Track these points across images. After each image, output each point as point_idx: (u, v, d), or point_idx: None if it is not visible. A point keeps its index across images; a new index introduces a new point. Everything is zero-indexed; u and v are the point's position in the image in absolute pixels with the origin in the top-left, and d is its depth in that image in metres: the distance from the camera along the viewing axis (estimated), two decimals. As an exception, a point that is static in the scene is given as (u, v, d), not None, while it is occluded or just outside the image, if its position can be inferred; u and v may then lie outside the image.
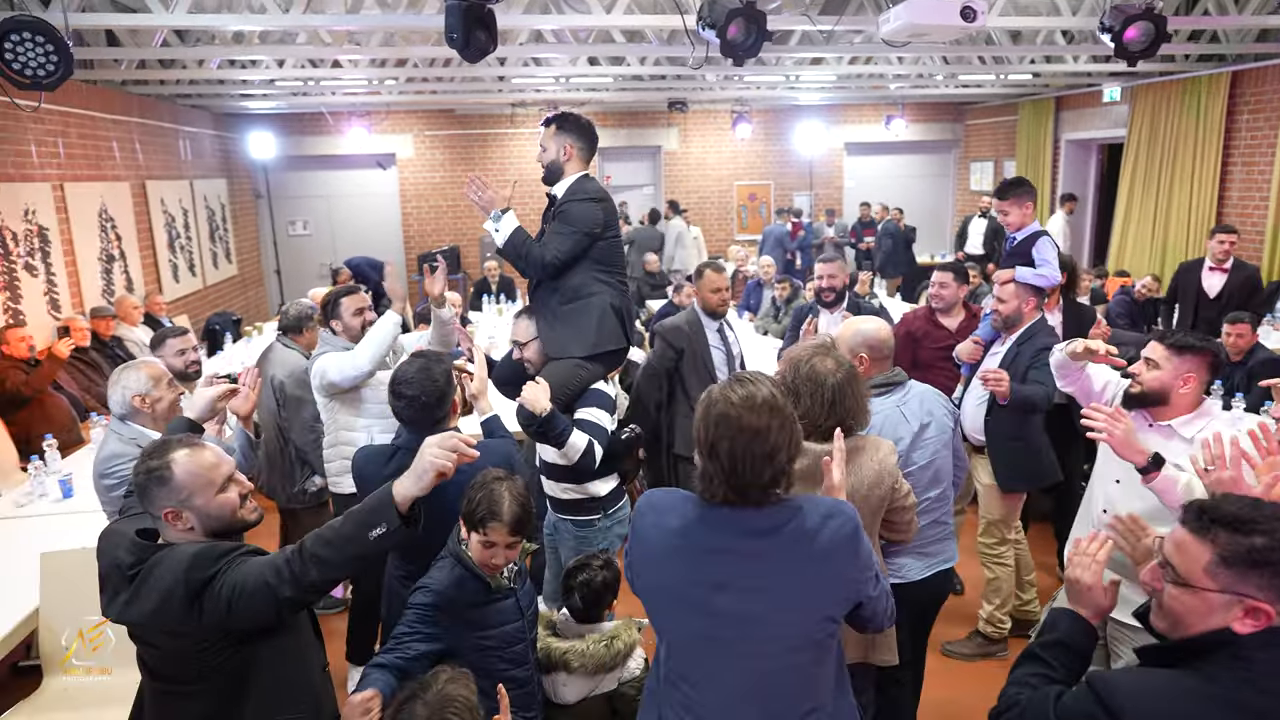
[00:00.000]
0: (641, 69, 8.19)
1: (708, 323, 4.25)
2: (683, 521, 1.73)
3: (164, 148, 8.82)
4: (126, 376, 2.80)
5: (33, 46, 3.36)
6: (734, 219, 13.22)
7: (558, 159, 3.01)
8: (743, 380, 1.72)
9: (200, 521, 1.81)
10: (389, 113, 11.75)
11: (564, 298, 3.02)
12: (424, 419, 2.42)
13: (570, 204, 2.97)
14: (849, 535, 1.72)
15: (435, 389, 2.41)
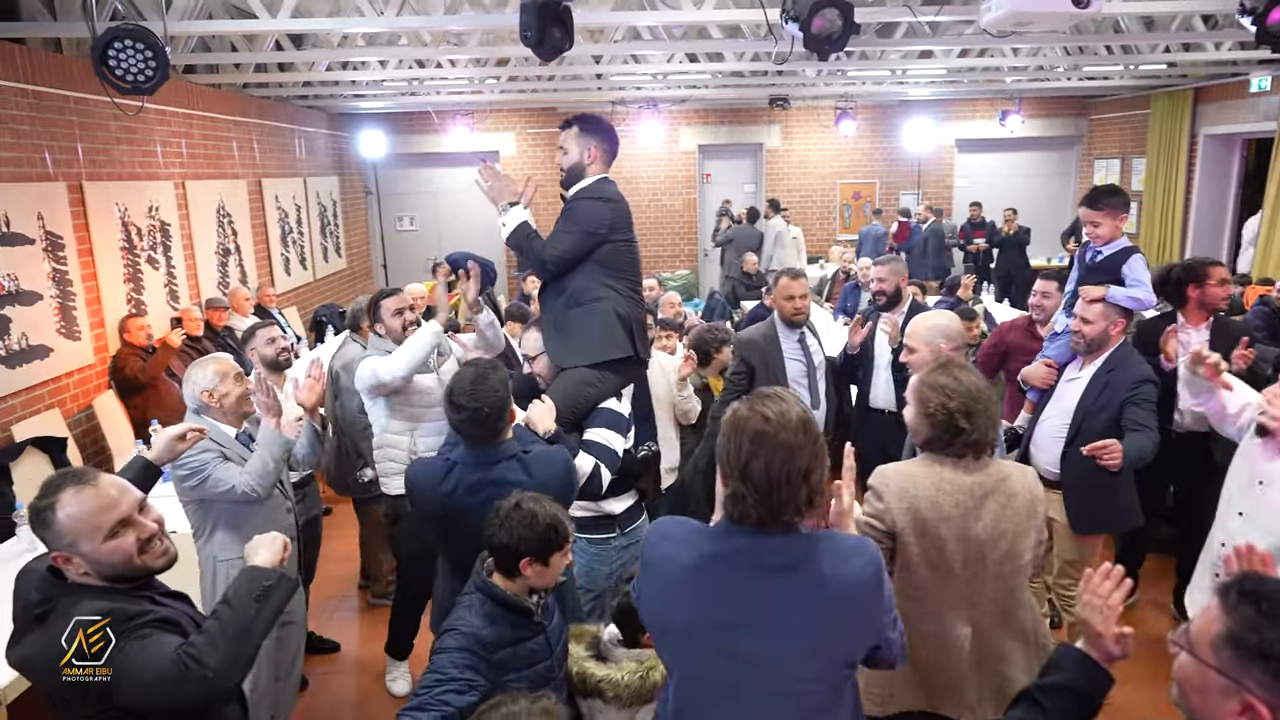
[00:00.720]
0: (741, 65, 8.02)
1: (785, 333, 4.06)
2: (696, 555, 1.63)
3: (280, 146, 9.25)
4: (195, 373, 2.90)
5: (133, 54, 3.54)
6: (836, 218, 12.85)
7: (581, 161, 2.91)
8: (770, 397, 1.62)
9: (92, 567, 1.67)
10: (491, 111, 11.98)
11: (568, 301, 2.89)
12: (483, 433, 2.33)
13: (576, 202, 2.88)
14: (872, 576, 1.59)
15: (495, 400, 2.30)
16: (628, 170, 12.39)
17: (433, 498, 2.33)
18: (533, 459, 2.37)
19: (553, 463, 2.40)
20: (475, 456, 2.33)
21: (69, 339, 5.45)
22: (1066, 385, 3.41)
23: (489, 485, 2.28)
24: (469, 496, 2.29)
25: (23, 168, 5.15)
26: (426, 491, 2.35)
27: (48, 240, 5.30)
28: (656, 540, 1.71)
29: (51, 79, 5.39)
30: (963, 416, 2.00)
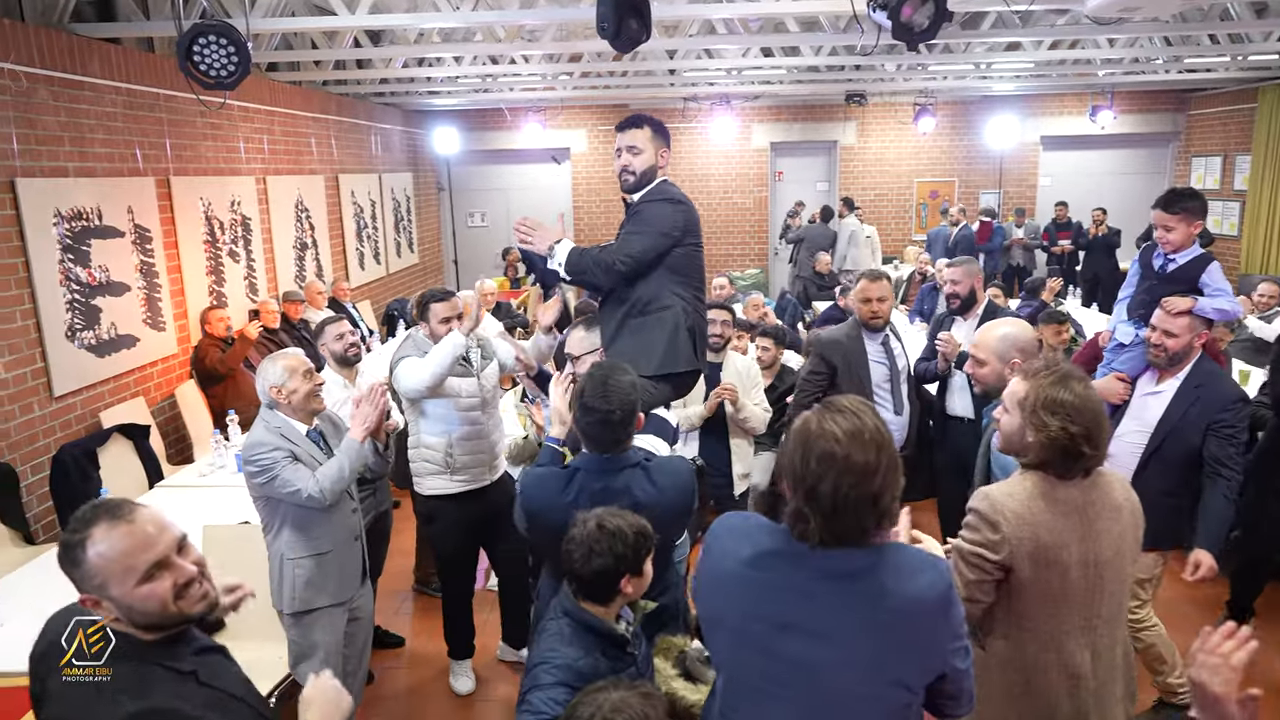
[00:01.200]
0: (817, 59, 7.82)
1: (869, 334, 3.90)
2: (755, 551, 1.56)
3: (356, 143, 9.42)
4: (266, 367, 2.90)
5: (217, 49, 3.60)
6: (912, 217, 12.48)
7: (655, 163, 2.77)
8: (844, 409, 1.50)
9: (123, 613, 1.49)
10: (563, 108, 11.99)
11: (634, 309, 2.74)
12: (611, 438, 2.21)
13: (646, 204, 2.74)
14: (940, 595, 1.48)
15: (626, 402, 2.17)
16: (698, 168, 12.26)
17: (556, 506, 2.20)
18: (656, 468, 2.27)
19: (677, 472, 2.28)
20: (600, 463, 2.22)
21: (154, 329, 5.62)
22: (1145, 399, 3.21)
23: (614, 495, 2.16)
24: (593, 504, 2.14)
25: (115, 163, 5.32)
26: (547, 501, 2.23)
27: (136, 233, 5.46)
28: (721, 532, 1.65)
29: (143, 77, 5.55)
30: (1086, 441, 1.82)
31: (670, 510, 2.24)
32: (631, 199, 2.81)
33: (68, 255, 4.85)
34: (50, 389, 4.73)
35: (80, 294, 4.95)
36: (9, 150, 4.49)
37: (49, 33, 4.77)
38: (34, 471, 4.59)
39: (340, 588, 2.98)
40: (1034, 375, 1.93)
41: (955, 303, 4.16)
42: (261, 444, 2.79)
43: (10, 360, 4.48)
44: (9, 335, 4.48)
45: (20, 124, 4.56)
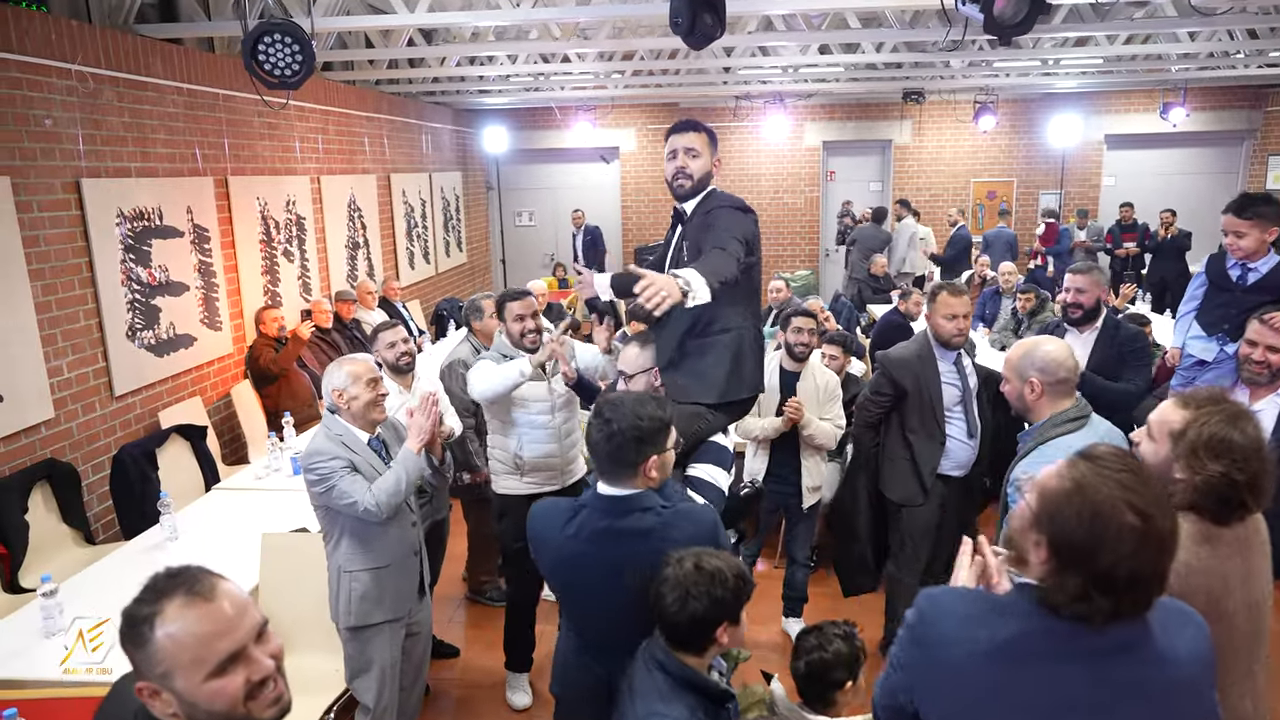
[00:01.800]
0: (877, 56, 7.60)
1: (942, 353, 3.58)
2: (999, 637, 1.31)
3: (408, 142, 9.42)
4: (332, 370, 2.84)
5: (282, 48, 3.56)
6: (969, 219, 12.13)
7: (710, 169, 2.61)
8: (1126, 465, 1.27)
9: (184, 710, 1.25)
10: (614, 107, 11.89)
11: (695, 330, 2.51)
12: (614, 460, 1.97)
13: (719, 210, 2.53)
14: (1209, 649, 1.30)
15: (633, 422, 1.94)
16: (749, 167, 12.08)
17: (554, 540, 2.05)
18: (674, 515, 2.02)
19: (698, 522, 2.02)
20: (607, 502, 2.01)
21: (211, 329, 5.63)
22: None
23: (617, 537, 1.98)
24: (592, 546, 2.00)
25: (175, 163, 5.33)
26: (547, 532, 2.09)
27: (195, 233, 5.48)
28: (935, 616, 1.38)
29: (203, 77, 5.57)
30: (1249, 491, 1.58)
31: None
32: (683, 207, 2.62)
33: (129, 255, 4.87)
34: (111, 388, 4.75)
35: (141, 294, 4.97)
36: (75, 151, 4.52)
37: (114, 34, 4.79)
38: (94, 471, 4.61)
39: (397, 603, 2.90)
40: (1197, 405, 1.67)
41: (1077, 313, 3.80)
42: (320, 452, 2.72)
43: (74, 360, 4.50)
44: (73, 335, 4.50)
45: (86, 125, 4.59)
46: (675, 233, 2.67)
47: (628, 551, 1.92)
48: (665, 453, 2.01)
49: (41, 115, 4.31)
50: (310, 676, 3.14)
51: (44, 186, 4.33)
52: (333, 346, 6.42)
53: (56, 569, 4.03)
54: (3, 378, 4.03)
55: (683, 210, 2.62)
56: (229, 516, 3.97)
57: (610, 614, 2.02)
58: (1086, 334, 3.77)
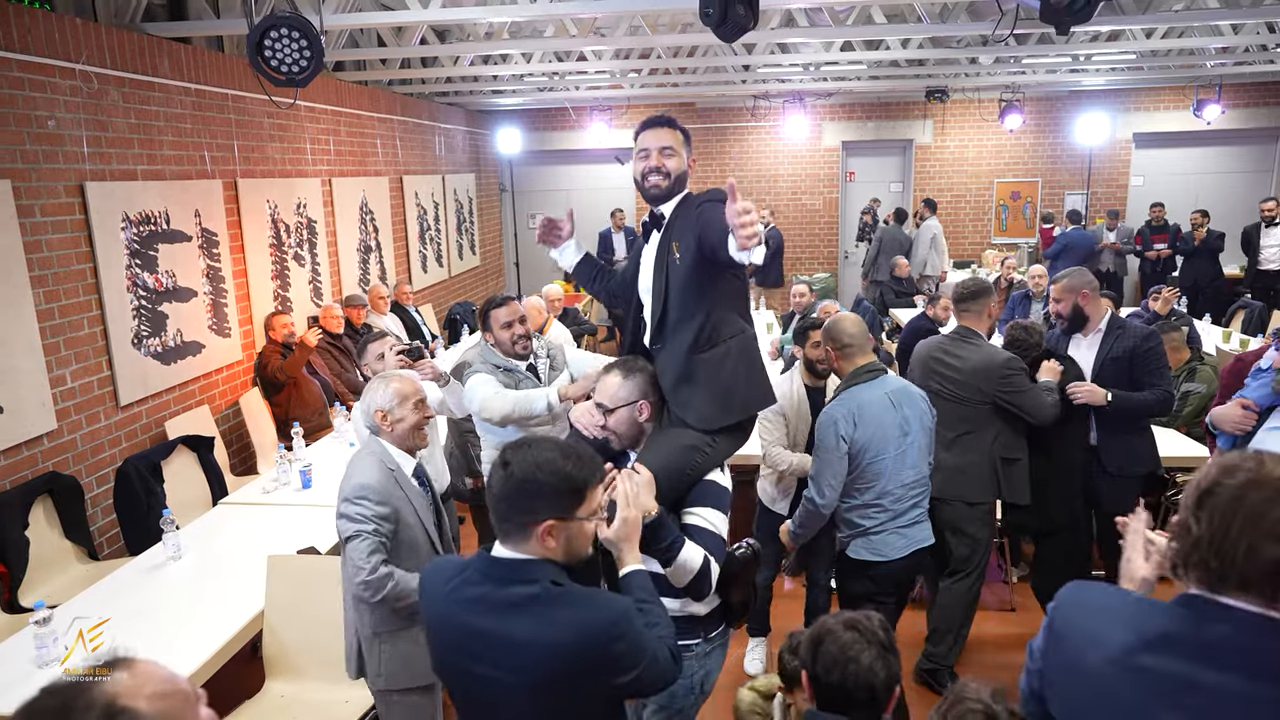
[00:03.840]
0: (901, 53, 7.40)
1: None
2: (1138, 637, 1.24)
3: (421, 144, 9.27)
4: (376, 387, 2.61)
5: (289, 43, 3.40)
6: (991, 220, 11.89)
7: (686, 170, 2.36)
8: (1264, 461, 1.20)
9: None
10: (629, 107, 11.71)
11: (700, 342, 2.21)
12: (505, 512, 1.61)
13: (710, 205, 2.20)
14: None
15: (534, 472, 1.57)
16: (766, 168, 11.88)
17: (433, 595, 1.69)
18: (565, 597, 1.58)
19: (596, 614, 1.57)
20: (489, 563, 1.63)
21: (220, 335, 5.48)
22: (1270, 434, 2.85)
23: (487, 610, 1.59)
24: (461, 611, 1.63)
25: (184, 165, 5.19)
26: (432, 585, 1.72)
27: (203, 237, 5.33)
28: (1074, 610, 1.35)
29: (212, 77, 5.42)
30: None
31: (537, 666, 1.54)
32: (661, 210, 2.34)
33: (135, 260, 4.72)
34: (116, 398, 4.61)
35: (147, 300, 4.82)
36: (79, 153, 4.37)
37: (120, 33, 4.65)
38: (99, 484, 4.46)
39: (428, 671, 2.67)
40: None
41: (1061, 322, 3.74)
42: (370, 493, 2.46)
43: (77, 369, 4.36)
44: (77, 343, 4.36)
45: (91, 126, 4.45)
46: (650, 241, 2.37)
47: (492, 628, 1.57)
48: (571, 522, 1.60)
49: (44, 116, 4.17)
50: (317, 705, 2.97)
51: (47, 190, 4.19)
52: (344, 353, 6.27)
53: (58, 587, 3.89)
54: (3, 388, 3.89)
55: (660, 214, 2.34)
56: (235, 533, 3.80)
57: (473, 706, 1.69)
58: (1091, 337, 3.68)
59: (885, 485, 2.99)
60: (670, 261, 2.26)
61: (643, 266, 2.39)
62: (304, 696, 3.01)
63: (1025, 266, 9.13)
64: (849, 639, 1.68)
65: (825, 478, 2.99)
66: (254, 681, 3.14)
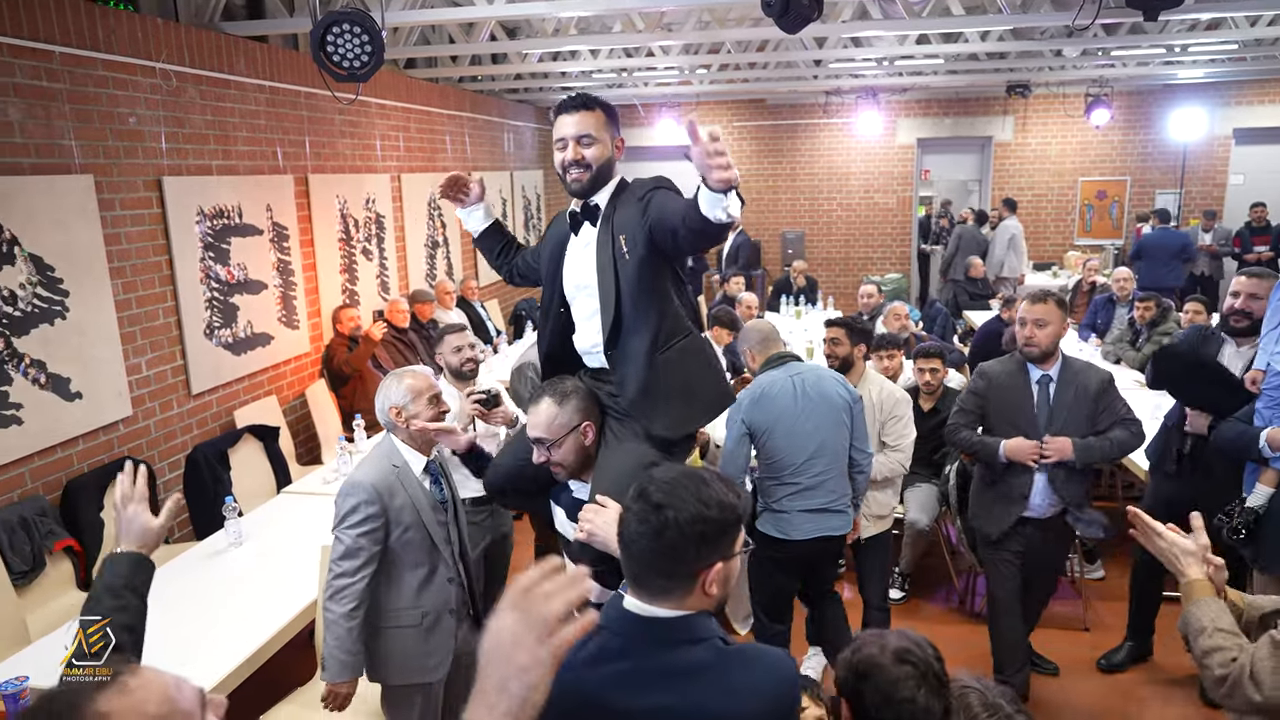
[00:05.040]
0: (981, 46, 7.12)
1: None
2: None
3: (490, 140, 9.36)
4: (389, 384, 2.61)
5: (351, 39, 3.43)
6: (1075, 220, 11.38)
7: (612, 155, 2.12)
8: None
9: None
10: (698, 104, 11.61)
11: (658, 342, 2.04)
12: (663, 569, 1.34)
13: (656, 192, 2.03)
14: None
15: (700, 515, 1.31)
16: (838, 166, 11.61)
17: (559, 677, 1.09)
18: (735, 657, 1.34)
19: (773, 670, 1.37)
20: (642, 626, 1.34)
21: (288, 327, 5.61)
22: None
23: (653, 680, 1.32)
24: (615, 690, 1.32)
25: (256, 160, 5.32)
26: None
27: (274, 231, 5.46)
28: None
29: (285, 75, 5.55)
30: None
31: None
32: (595, 201, 2.12)
33: (208, 253, 4.86)
34: (189, 387, 4.75)
35: (219, 292, 4.96)
36: (158, 149, 4.52)
37: (199, 32, 4.78)
38: (171, 470, 4.61)
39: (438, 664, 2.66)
40: None
41: (1241, 321, 3.38)
42: (359, 491, 2.46)
43: (152, 358, 4.51)
44: (152, 333, 4.50)
45: (169, 123, 4.59)
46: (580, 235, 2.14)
47: (664, 706, 1.30)
48: (731, 559, 1.36)
49: (126, 114, 4.31)
50: (363, 697, 2.98)
51: (126, 184, 4.33)
52: (409, 347, 6.35)
53: (128, 568, 4.03)
54: (83, 376, 4.04)
55: (594, 205, 2.12)
56: (294, 522, 3.87)
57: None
58: (1246, 348, 3.38)
59: (785, 459, 3.14)
60: (619, 258, 2.05)
61: (570, 264, 2.17)
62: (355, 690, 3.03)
63: (1110, 269, 8.69)
64: (900, 674, 1.51)
65: (727, 455, 3.24)
66: (307, 669, 3.18)
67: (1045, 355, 3.16)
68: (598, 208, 2.12)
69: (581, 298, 2.16)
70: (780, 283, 9.24)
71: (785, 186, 11.81)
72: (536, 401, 2.07)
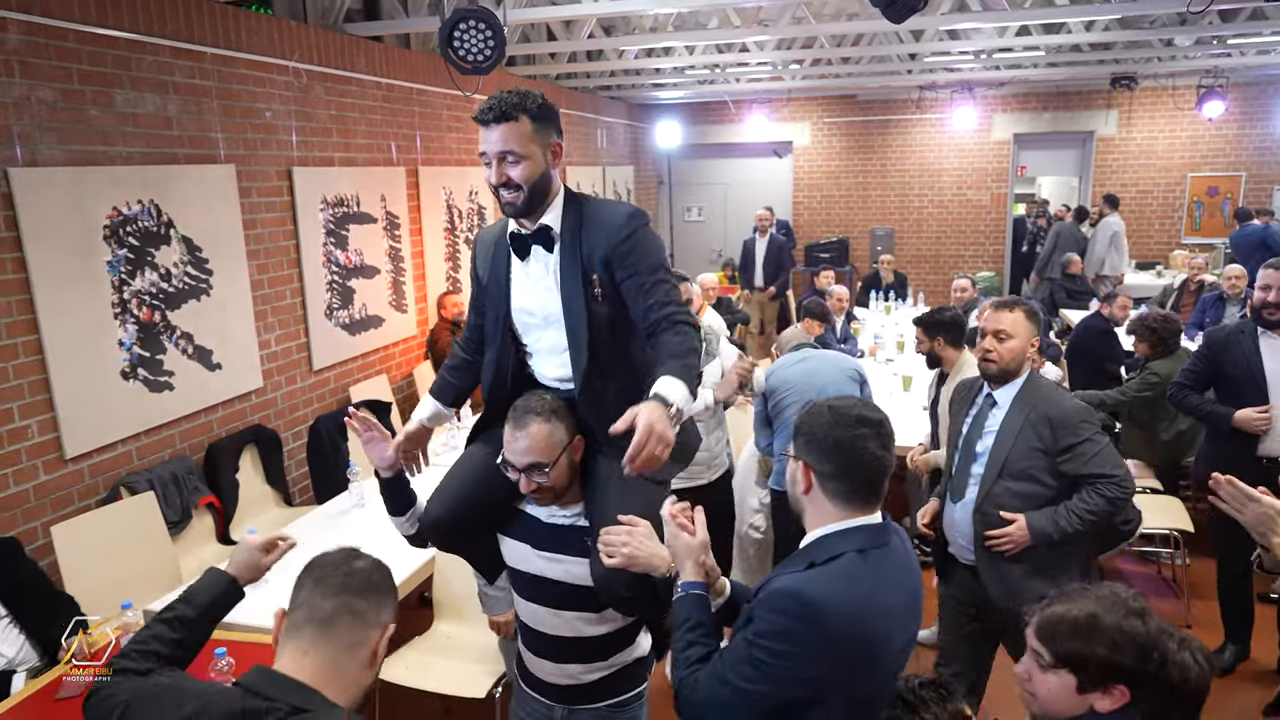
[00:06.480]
0: (1084, 37, 6.96)
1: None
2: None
3: (583, 136, 9.61)
4: None
5: (475, 35, 3.68)
6: (1182, 218, 10.93)
7: (547, 168, 1.87)
8: None
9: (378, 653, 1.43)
10: (789, 100, 11.63)
11: (635, 382, 1.86)
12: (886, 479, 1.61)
13: (638, 233, 1.87)
14: None
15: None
16: (929, 161, 11.45)
17: (868, 609, 1.54)
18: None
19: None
20: (872, 532, 1.59)
21: (398, 311, 5.95)
22: None
23: (901, 571, 1.61)
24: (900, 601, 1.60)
25: (373, 153, 5.66)
26: (856, 602, 1.55)
27: (387, 219, 5.80)
28: None
29: (398, 72, 5.88)
30: None
31: None
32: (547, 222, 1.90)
33: (330, 239, 5.21)
34: (310, 363, 5.10)
35: (338, 275, 5.31)
36: (288, 141, 4.87)
37: (325, 33, 5.13)
38: (294, 439, 4.97)
39: None
40: None
41: (1275, 313, 3.39)
42: None
43: (281, 335, 4.87)
44: (281, 312, 4.87)
45: (299, 117, 4.94)
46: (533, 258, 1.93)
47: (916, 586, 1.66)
48: None
49: (263, 109, 4.67)
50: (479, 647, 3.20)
51: (261, 174, 4.70)
52: (507, 332, 6.62)
53: (259, 527, 4.37)
54: (223, 349, 4.41)
55: (545, 227, 1.89)
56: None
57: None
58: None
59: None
60: (590, 298, 1.87)
61: (520, 290, 1.96)
62: (468, 639, 3.26)
63: (1221, 267, 8.35)
64: (1153, 626, 1.51)
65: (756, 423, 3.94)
66: (422, 624, 3.43)
67: (1004, 374, 2.63)
68: (548, 229, 1.90)
69: (536, 328, 1.96)
70: (869, 278, 9.21)
71: (875, 183, 11.72)
72: (521, 425, 1.83)
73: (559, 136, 1.89)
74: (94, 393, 3.68)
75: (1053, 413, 2.53)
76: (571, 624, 1.96)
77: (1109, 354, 5.89)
